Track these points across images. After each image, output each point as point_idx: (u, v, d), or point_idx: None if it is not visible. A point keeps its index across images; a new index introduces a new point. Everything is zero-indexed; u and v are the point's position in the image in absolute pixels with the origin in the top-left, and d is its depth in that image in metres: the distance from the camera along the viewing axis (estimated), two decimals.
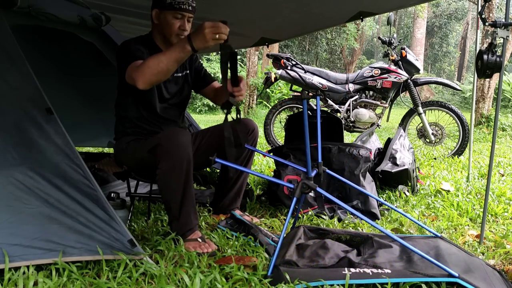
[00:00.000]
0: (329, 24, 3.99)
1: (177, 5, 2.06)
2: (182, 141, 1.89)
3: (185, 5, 2.07)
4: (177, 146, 1.88)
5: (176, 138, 1.89)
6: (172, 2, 2.06)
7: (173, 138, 1.89)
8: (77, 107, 3.66)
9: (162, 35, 2.15)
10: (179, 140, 1.88)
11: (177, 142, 1.88)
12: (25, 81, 1.80)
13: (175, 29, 2.09)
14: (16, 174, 1.65)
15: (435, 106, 4.67)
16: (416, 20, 18.22)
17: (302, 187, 1.76)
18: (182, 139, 1.89)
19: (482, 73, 2.07)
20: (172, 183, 1.92)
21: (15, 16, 2.09)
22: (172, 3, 2.06)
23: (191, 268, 1.68)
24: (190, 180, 1.95)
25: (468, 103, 15.03)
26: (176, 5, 2.06)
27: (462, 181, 3.44)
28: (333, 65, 19.90)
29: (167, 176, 1.91)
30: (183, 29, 2.10)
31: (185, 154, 1.89)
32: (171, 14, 2.07)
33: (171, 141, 1.89)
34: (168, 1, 2.07)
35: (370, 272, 1.56)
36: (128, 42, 2.11)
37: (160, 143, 1.91)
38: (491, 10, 7.41)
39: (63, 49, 3.32)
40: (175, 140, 1.88)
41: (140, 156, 2.06)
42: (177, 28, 2.09)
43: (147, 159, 2.02)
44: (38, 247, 1.60)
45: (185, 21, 2.10)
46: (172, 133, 1.92)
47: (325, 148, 2.69)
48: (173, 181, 1.91)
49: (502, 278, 1.65)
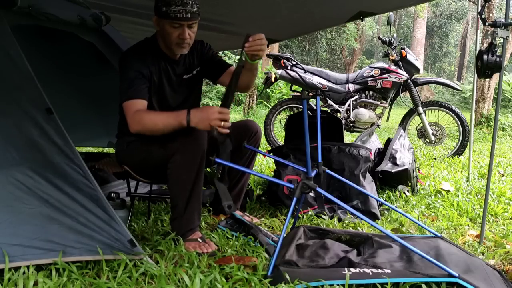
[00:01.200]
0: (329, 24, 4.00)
1: (173, 14, 1.91)
2: (199, 134, 1.90)
3: (182, 13, 1.91)
4: (195, 138, 1.90)
5: (194, 132, 1.89)
6: (167, 11, 1.91)
7: (191, 132, 1.89)
8: (77, 107, 3.65)
9: (164, 41, 2.06)
10: (197, 133, 1.89)
11: (195, 135, 1.89)
12: (25, 81, 1.79)
13: (175, 38, 1.98)
14: (16, 174, 1.65)
15: (435, 106, 4.68)
16: (416, 20, 18.22)
17: (302, 187, 1.77)
18: (199, 133, 1.90)
19: (482, 73, 2.07)
20: (183, 176, 1.91)
21: (15, 16, 2.08)
22: (167, 12, 1.91)
23: (191, 268, 1.68)
24: (201, 176, 1.96)
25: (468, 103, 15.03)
26: (171, 14, 1.91)
27: (462, 181, 3.44)
28: (333, 65, 19.90)
29: (180, 169, 1.90)
30: (182, 38, 1.98)
31: (201, 147, 1.90)
32: (168, 23, 1.95)
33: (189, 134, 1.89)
34: (163, 10, 1.92)
35: (370, 272, 1.56)
36: (131, 56, 2.03)
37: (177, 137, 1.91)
38: (491, 10, 7.41)
39: (63, 49, 3.31)
40: (193, 133, 1.89)
41: (141, 156, 2.05)
42: (176, 37, 1.98)
43: (149, 158, 2.01)
44: (38, 247, 1.60)
45: (184, 30, 1.96)
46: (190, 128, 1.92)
47: (325, 148, 2.69)
48: (184, 174, 1.91)
49: (502, 278, 1.65)
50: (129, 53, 2.06)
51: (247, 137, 2.26)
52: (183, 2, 1.91)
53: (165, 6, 1.92)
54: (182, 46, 2.03)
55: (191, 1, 1.93)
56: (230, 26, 3.53)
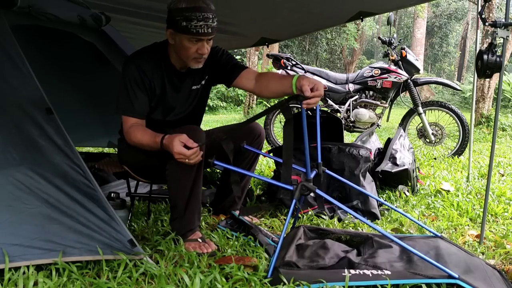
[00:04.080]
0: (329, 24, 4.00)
1: (194, 29, 1.82)
2: (198, 138, 1.89)
3: (203, 29, 1.83)
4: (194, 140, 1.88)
5: (193, 133, 1.88)
6: (188, 26, 1.82)
7: (191, 133, 1.89)
8: (77, 107, 3.66)
9: (178, 55, 1.97)
10: (195, 136, 1.88)
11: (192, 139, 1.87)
12: (25, 81, 1.79)
13: (192, 53, 1.90)
14: (16, 174, 1.65)
15: (435, 106, 4.68)
16: (416, 20, 18.21)
17: (301, 189, 1.76)
18: (197, 136, 1.89)
19: (482, 73, 2.07)
20: (182, 177, 1.91)
21: (15, 16, 2.08)
22: (188, 27, 1.82)
23: (191, 268, 1.68)
24: (200, 176, 1.96)
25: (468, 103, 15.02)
26: (192, 29, 1.82)
27: (462, 181, 3.44)
28: (333, 65, 19.89)
29: (179, 169, 1.89)
30: (201, 53, 1.91)
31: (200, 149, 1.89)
32: (187, 38, 1.86)
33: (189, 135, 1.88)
34: (183, 24, 1.82)
35: (370, 274, 1.56)
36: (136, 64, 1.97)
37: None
38: (491, 10, 7.41)
39: (63, 49, 3.32)
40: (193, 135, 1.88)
41: (141, 156, 2.04)
42: (194, 52, 1.90)
43: (149, 158, 2.01)
44: (38, 247, 1.60)
45: (203, 44, 1.89)
46: (188, 130, 1.92)
47: (325, 148, 2.69)
48: (184, 174, 1.90)
49: (502, 278, 1.65)
50: (134, 60, 1.99)
51: (250, 139, 2.23)
52: (205, 16, 1.83)
53: (185, 20, 1.82)
54: (199, 61, 1.96)
55: (211, 15, 1.86)
56: (231, 26, 3.53)
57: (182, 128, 1.99)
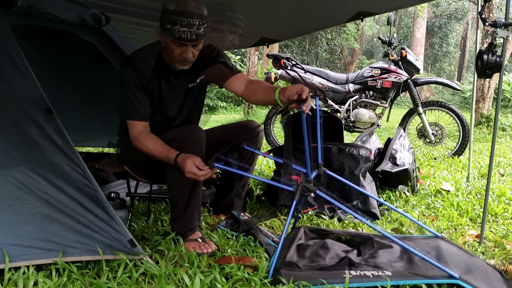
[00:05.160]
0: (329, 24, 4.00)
1: (177, 34, 1.80)
2: (198, 137, 1.89)
3: (187, 34, 1.80)
4: (193, 141, 1.89)
5: (192, 134, 1.89)
6: (171, 29, 1.80)
7: (189, 134, 1.88)
8: (77, 107, 3.66)
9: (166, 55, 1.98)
10: (195, 135, 1.89)
11: (193, 137, 1.89)
12: (25, 81, 1.79)
13: (177, 55, 1.91)
14: (16, 174, 1.65)
15: (435, 106, 4.67)
16: (416, 20, 18.21)
17: (302, 190, 1.76)
18: (197, 135, 1.89)
19: (482, 73, 2.07)
20: (182, 177, 1.90)
21: (15, 16, 2.08)
22: (172, 30, 1.80)
23: (191, 268, 1.68)
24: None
25: (468, 103, 15.03)
26: (176, 33, 1.81)
27: (462, 181, 3.44)
28: (333, 65, 19.89)
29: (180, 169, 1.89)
30: (185, 56, 1.90)
31: (199, 150, 1.90)
32: (172, 41, 1.86)
33: (187, 136, 1.89)
34: (168, 26, 1.81)
35: (370, 275, 1.56)
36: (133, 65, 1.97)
37: (176, 137, 1.91)
38: (491, 10, 7.41)
39: (63, 49, 3.32)
40: (191, 136, 1.88)
41: (141, 156, 2.04)
42: (179, 54, 1.90)
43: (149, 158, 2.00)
44: (38, 247, 1.59)
45: (188, 49, 1.88)
46: (189, 129, 1.92)
47: (325, 148, 2.69)
48: (183, 176, 1.90)
49: (503, 278, 1.65)
50: (131, 63, 2.00)
51: (248, 138, 2.23)
52: (189, 23, 1.79)
53: (170, 23, 1.81)
54: (184, 64, 1.97)
55: (198, 21, 1.81)
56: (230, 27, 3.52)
57: (181, 127, 1.99)
